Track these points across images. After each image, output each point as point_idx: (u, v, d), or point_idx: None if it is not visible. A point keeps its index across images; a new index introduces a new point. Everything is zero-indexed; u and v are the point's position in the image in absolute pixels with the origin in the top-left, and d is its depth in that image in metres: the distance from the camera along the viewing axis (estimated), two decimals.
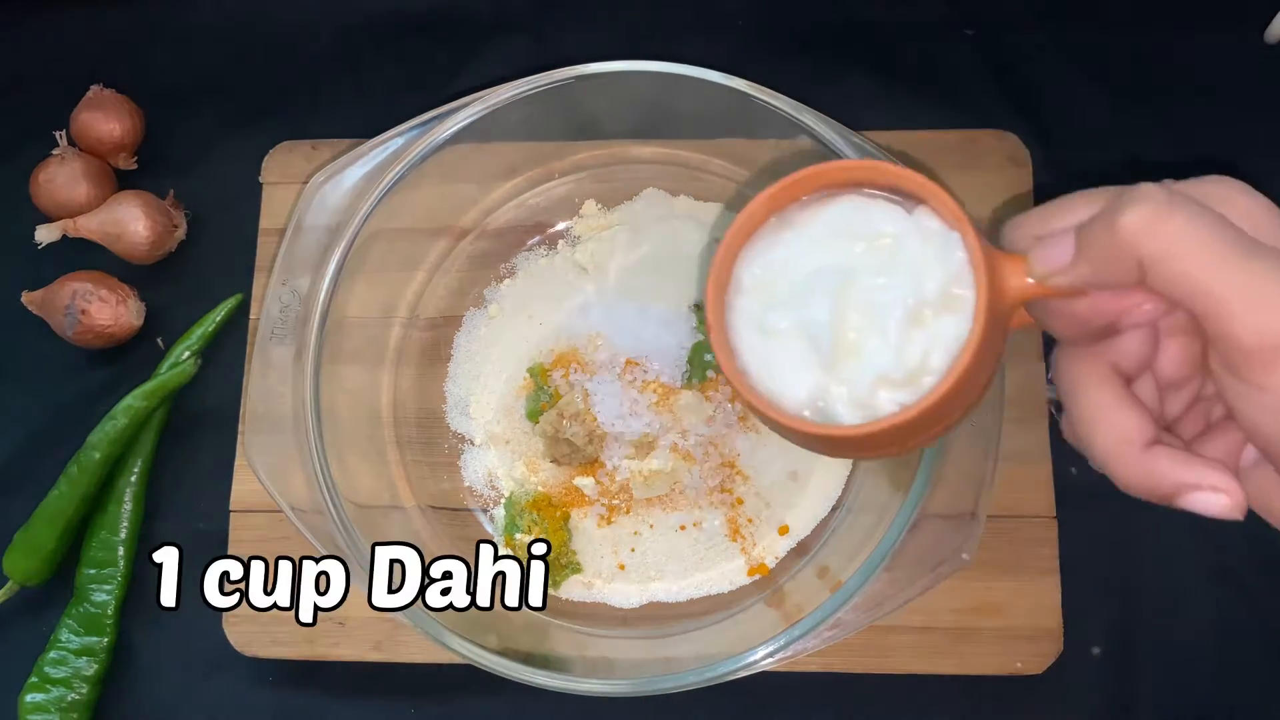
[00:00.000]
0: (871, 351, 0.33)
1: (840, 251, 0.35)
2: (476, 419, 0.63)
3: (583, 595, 0.60)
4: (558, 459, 0.60)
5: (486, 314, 0.65)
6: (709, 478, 0.60)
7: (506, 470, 0.62)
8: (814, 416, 0.35)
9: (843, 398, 0.34)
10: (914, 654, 0.58)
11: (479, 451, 0.63)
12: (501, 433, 0.62)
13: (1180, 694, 0.59)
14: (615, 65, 0.56)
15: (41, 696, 0.59)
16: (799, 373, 0.35)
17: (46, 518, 0.61)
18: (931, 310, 0.33)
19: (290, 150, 0.68)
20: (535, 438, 0.61)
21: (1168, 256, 0.29)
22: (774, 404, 0.35)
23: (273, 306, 0.55)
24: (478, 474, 0.62)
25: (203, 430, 0.65)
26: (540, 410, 0.61)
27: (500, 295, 0.65)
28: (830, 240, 0.35)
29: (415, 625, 0.50)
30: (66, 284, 0.64)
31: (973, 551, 0.49)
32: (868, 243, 0.34)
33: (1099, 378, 0.33)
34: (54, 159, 0.67)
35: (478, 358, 0.64)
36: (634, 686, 0.50)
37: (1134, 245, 0.29)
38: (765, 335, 0.36)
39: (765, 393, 0.35)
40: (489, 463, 0.62)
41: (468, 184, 0.64)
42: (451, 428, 0.63)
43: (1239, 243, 0.29)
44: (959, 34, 0.70)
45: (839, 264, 0.34)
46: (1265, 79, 0.67)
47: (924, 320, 0.33)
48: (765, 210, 0.36)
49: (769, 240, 0.36)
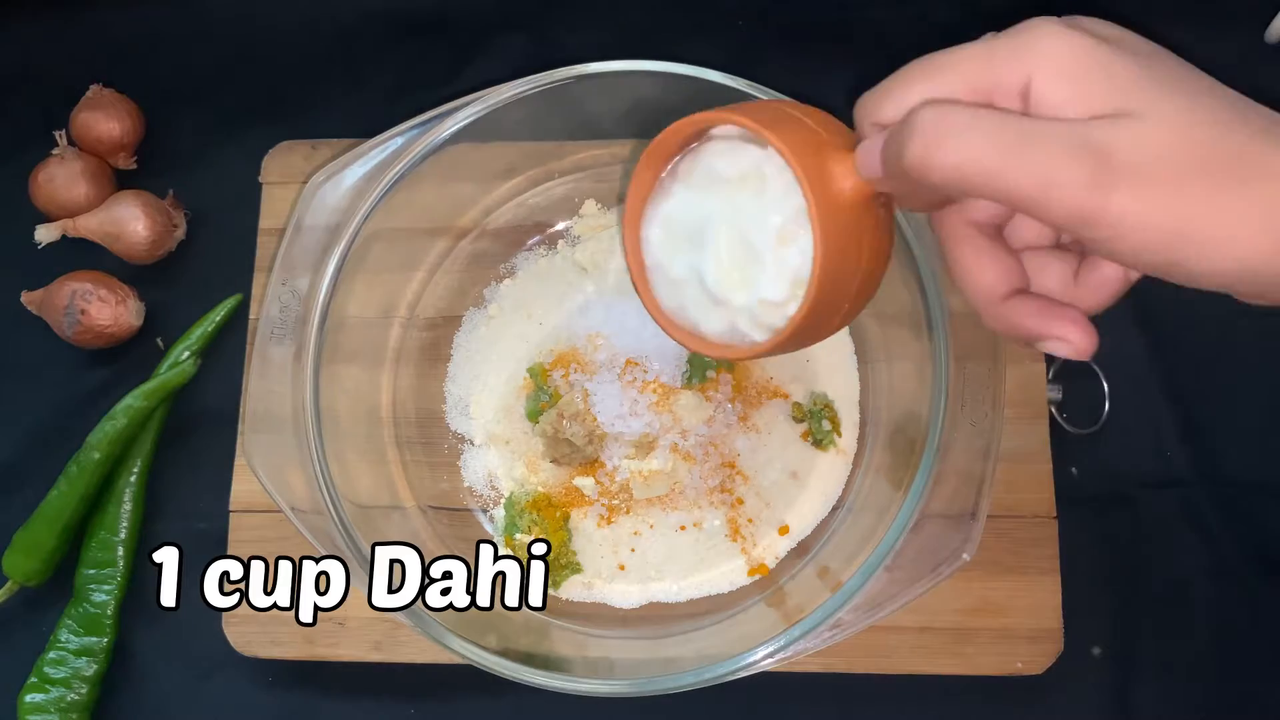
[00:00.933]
0: (754, 280, 0.38)
1: (716, 196, 0.39)
2: (476, 419, 0.63)
3: (583, 595, 0.60)
4: (558, 459, 0.60)
5: (486, 314, 0.65)
6: (709, 478, 0.60)
7: (506, 470, 0.62)
8: (734, 340, 0.40)
9: (746, 323, 0.39)
10: (914, 654, 0.58)
11: (479, 451, 0.63)
12: (501, 433, 0.62)
13: (1180, 694, 0.59)
14: (615, 65, 0.56)
15: (41, 697, 0.59)
16: (707, 310, 0.40)
17: (46, 518, 0.61)
18: (792, 226, 0.37)
19: (290, 150, 0.68)
20: (535, 438, 0.61)
21: (956, 180, 0.31)
22: (698, 335, 0.41)
23: (272, 306, 0.55)
24: (477, 474, 0.62)
25: (203, 430, 0.65)
26: (540, 410, 0.61)
27: (500, 295, 0.65)
28: (707, 186, 0.39)
29: (415, 625, 0.50)
30: (66, 284, 0.64)
31: (973, 551, 0.49)
32: (735, 183, 0.38)
33: (959, 236, 0.35)
34: (54, 159, 0.67)
35: (477, 358, 0.64)
36: (634, 686, 0.50)
37: (923, 176, 0.31)
38: (673, 284, 0.41)
39: (690, 329, 0.42)
40: (489, 463, 0.62)
41: (467, 184, 0.64)
42: (451, 428, 0.63)
43: (1015, 138, 0.30)
44: (961, 34, 0.70)
45: (716, 208, 0.39)
46: (1265, 79, 0.67)
47: (790, 238, 0.37)
48: (651, 171, 0.41)
49: (663, 195, 0.41)
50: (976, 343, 0.52)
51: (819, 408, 0.61)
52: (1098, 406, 0.62)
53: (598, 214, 0.65)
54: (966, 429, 0.51)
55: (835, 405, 0.61)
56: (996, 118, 0.31)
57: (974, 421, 0.51)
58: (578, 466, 0.60)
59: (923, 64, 0.34)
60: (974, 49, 0.33)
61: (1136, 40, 0.32)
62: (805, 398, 0.62)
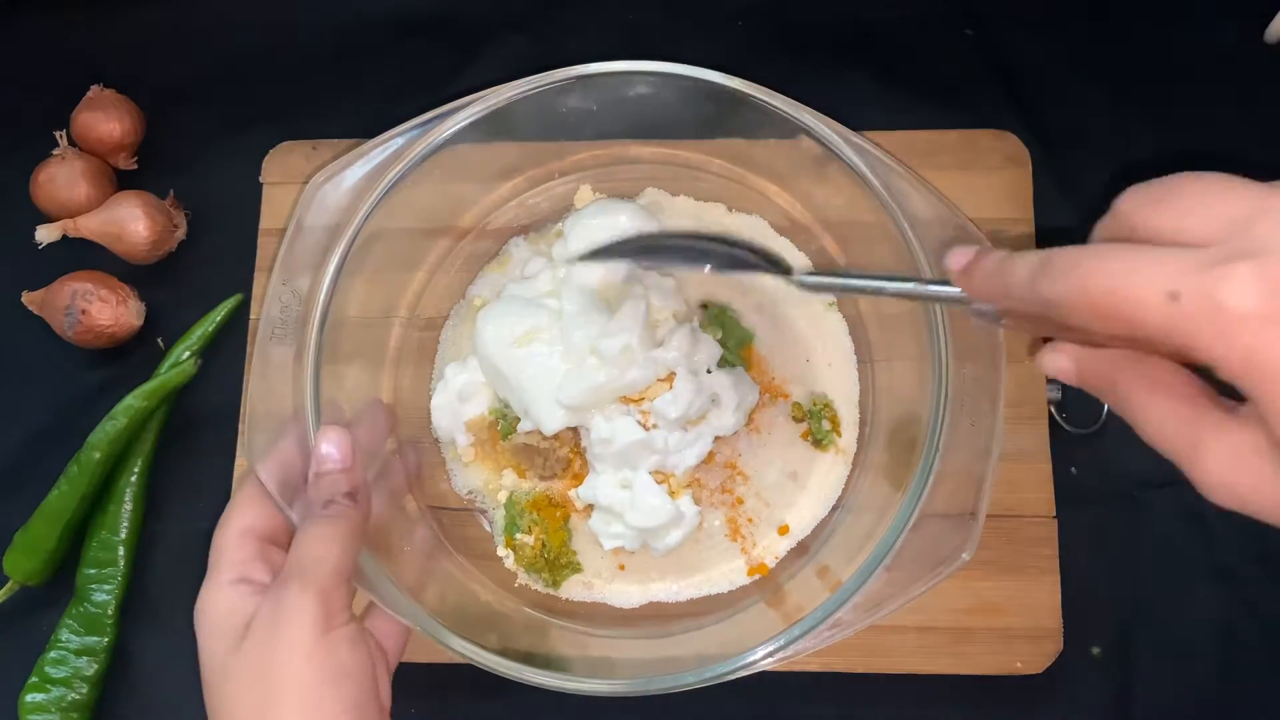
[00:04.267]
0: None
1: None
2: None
3: (583, 595, 0.60)
4: (542, 475, 0.60)
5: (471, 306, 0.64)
6: (709, 478, 0.60)
7: (497, 480, 0.62)
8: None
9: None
10: (914, 654, 0.58)
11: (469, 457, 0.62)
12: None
13: (1180, 694, 0.59)
14: (615, 65, 0.56)
15: (41, 696, 0.59)
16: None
17: (46, 518, 0.61)
18: None
19: (290, 150, 0.68)
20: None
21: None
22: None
23: (273, 307, 0.55)
24: (469, 480, 0.62)
25: (203, 430, 0.65)
26: (512, 428, 0.60)
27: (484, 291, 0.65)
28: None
29: (415, 625, 0.50)
30: (66, 284, 0.64)
31: (972, 551, 0.49)
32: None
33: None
34: (54, 159, 0.67)
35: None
36: (634, 686, 0.50)
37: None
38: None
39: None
40: (480, 473, 0.62)
41: (468, 184, 0.64)
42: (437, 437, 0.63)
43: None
44: (959, 34, 0.70)
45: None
46: (1265, 79, 0.67)
47: None
48: None
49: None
50: (976, 343, 0.52)
51: (819, 408, 0.61)
52: (1098, 406, 0.61)
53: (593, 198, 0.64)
54: (966, 429, 0.51)
55: (835, 405, 0.61)
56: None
57: (974, 421, 0.51)
58: (564, 478, 0.60)
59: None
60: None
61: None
62: (805, 398, 0.62)
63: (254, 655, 0.42)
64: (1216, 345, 0.27)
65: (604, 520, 0.58)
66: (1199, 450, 0.30)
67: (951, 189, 0.54)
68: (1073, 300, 0.30)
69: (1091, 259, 0.30)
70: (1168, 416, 0.31)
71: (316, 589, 0.43)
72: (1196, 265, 0.28)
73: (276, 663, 0.41)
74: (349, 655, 0.43)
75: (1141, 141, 0.66)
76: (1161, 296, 0.28)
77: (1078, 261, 0.30)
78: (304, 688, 0.41)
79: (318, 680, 0.41)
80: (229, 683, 0.42)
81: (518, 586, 0.60)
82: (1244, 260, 0.27)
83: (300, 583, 0.43)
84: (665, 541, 0.58)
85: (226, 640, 0.43)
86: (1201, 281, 0.27)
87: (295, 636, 0.42)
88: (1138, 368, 0.32)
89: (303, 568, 0.43)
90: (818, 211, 0.62)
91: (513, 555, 0.60)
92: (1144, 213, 0.31)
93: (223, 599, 0.44)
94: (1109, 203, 0.32)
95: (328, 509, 0.46)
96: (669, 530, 0.58)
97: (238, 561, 0.45)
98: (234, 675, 0.42)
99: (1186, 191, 0.30)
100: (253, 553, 0.46)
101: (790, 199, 0.63)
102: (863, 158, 0.53)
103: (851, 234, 0.61)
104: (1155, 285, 0.28)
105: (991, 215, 0.63)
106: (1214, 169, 0.31)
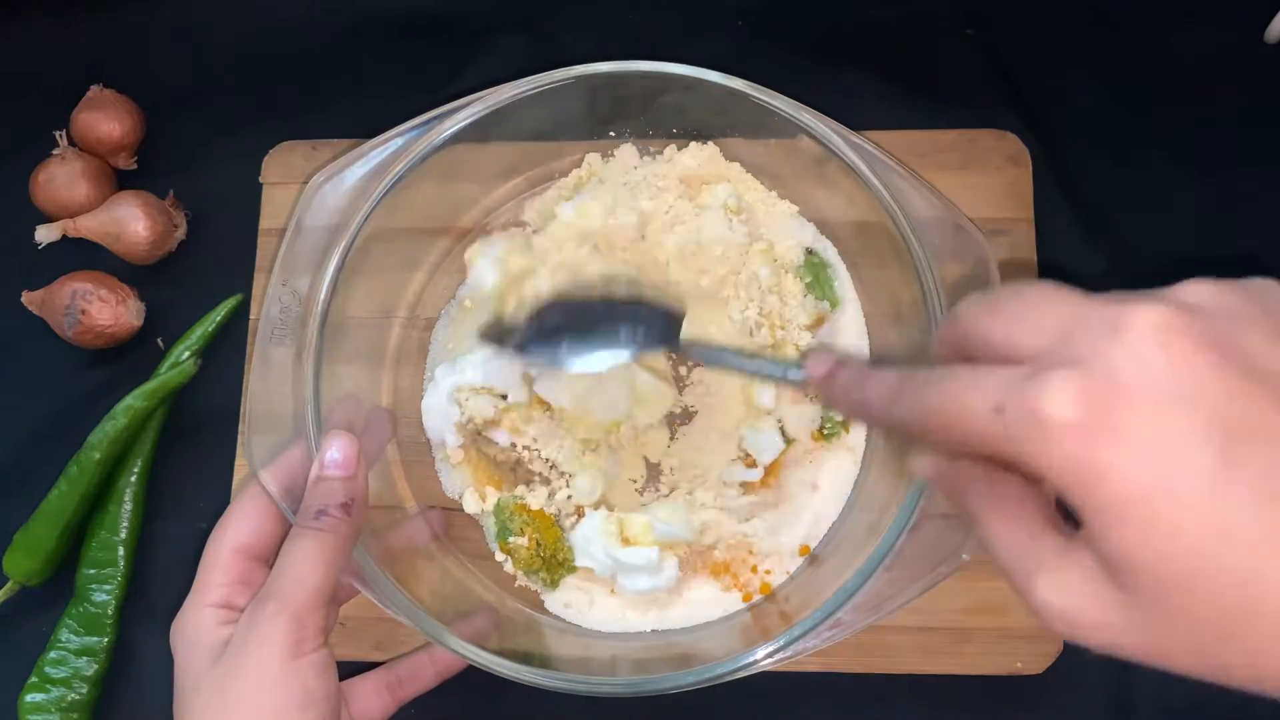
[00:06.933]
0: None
1: None
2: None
3: (577, 619, 0.59)
4: (511, 483, 0.60)
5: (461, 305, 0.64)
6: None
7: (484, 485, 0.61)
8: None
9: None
10: (914, 654, 0.58)
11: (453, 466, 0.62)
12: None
13: (1180, 694, 0.59)
14: (615, 65, 0.56)
15: (41, 696, 0.59)
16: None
17: (46, 518, 0.61)
18: None
19: (290, 150, 0.68)
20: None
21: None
22: None
23: (273, 307, 0.55)
24: (460, 483, 0.62)
25: (203, 430, 0.65)
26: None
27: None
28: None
29: (415, 625, 0.50)
30: (66, 284, 0.64)
31: (972, 551, 0.49)
32: None
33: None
34: (54, 159, 0.67)
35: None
36: (634, 686, 0.50)
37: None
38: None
39: None
40: (465, 478, 0.62)
41: (468, 184, 0.64)
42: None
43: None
44: (959, 34, 0.70)
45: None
46: (1265, 79, 0.67)
47: None
48: None
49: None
50: None
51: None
52: None
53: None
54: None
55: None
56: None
57: None
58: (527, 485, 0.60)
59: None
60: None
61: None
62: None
63: (223, 676, 0.43)
64: (1040, 456, 0.28)
65: (585, 538, 0.57)
66: (1032, 580, 0.30)
67: (951, 189, 0.55)
68: (920, 421, 0.31)
69: (932, 383, 0.31)
70: (1005, 541, 0.31)
71: (291, 613, 0.43)
72: (1019, 378, 0.28)
73: (244, 686, 0.42)
74: (316, 682, 0.43)
75: (1141, 141, 0.66)
76: (988, 411, 0.28)
77: (923, 385, 0.31)
78: (268, 713, 0.42)
79: (283, 706, 0.42)
80: (198, 700, 0.43)
81: (518, 588, 0.60)
82: (1060, 371, 0.27)
83: (276, 604, 0.43)
84: (635, 584, 0.56)
85: (202, 659, 0.44)
86: (1023, 393, 0.28)
87: (263, 659, 0.42)
88: (987, 485, 0.32)
89: (280, 587, 0.44)
90: (818, 212, 0.62)
91: (510, 560, 0.60)
92: (980, 322, 0.31)
93: (202, 620, 0.45)
94: (1109, 202, 0.32)
95: (318, 520, 0.46)
96: (641, 575, 0.56)
97: (224, 584, 0.46)
98: (203, 693, 0.43)
99: (1016, 303, 0.31)
100: (240, 574, 0.47)
101: (790, 199, 0.63)
102: (863, 158, 0.53)
103: (851, 234, 0.61)
104: (982, 400, 0.29)
105: (991, 215, 0.63)
106: (1214, 169, 0.31)
